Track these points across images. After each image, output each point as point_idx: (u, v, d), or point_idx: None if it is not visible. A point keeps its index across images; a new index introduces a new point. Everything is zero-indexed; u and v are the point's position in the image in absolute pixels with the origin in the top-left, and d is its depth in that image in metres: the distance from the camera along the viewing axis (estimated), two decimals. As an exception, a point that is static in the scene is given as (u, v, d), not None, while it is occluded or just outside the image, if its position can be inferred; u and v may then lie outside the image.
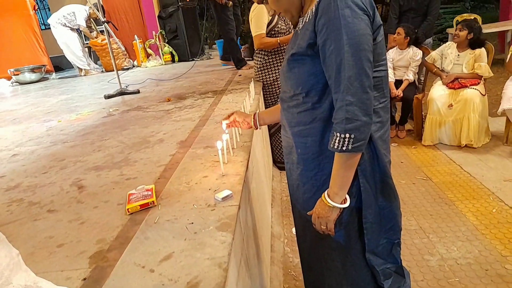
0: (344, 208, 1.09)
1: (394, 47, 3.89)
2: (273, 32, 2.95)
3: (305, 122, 1.13)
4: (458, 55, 3.48)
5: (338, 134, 0.98)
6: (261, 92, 3.11)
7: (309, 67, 1.06)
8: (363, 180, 1.10)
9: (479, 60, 3.39)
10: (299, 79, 1.10)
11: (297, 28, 1.15)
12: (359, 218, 1.15)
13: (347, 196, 1.08)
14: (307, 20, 1.06)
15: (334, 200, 1.06)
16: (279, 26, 2.93)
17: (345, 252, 1.21)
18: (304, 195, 1.21)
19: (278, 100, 1.29)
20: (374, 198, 1.14)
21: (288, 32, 2.97)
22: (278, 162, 3.35)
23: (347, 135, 0.96)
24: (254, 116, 1.49)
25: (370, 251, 1.19)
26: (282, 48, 3.02)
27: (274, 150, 3.36)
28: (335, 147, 0.99)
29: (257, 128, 1.51)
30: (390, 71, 3.91)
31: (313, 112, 1.10)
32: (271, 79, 3.13)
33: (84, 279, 0.99)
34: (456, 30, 3.42)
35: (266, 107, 3.18)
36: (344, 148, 0.97)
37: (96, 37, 6.40)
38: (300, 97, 1.11)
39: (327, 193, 1.08)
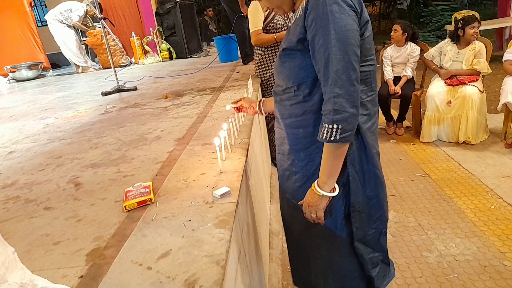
0: (333, 197, 1.12)
1: None
2: (268, 28, 2.94)
3: (297, 114, 1.16)
4: (458, 52, 3.47)
5: (327, 125, 1.01)
6: (259, 88, 3.10)
7: (300, 61, 1.09)
8: (351, 169, 1.14)
9: (478, 56, 3.38)
10: (290, 73, 1.13)
11: (289, 24, 1.20)
12: (347, 207, 1.19)
13: (336, 185, 1.12)
14: (297, 16, 1.10)
15: (323, 189, 1.10)
16: (274, 21, 2.92)
17: (332, 240, 1.24)
18: (294, 184, 1.25)
19: None
20: (362, 188, 1.17)
21: (284, 27, 2.96)
22: (276, 159, 3.34)
23: (335, 126, 0.99)
24: (259, 102, 1.55)
25: (358, 240, 1.22)
26: (279, 44, 3.00)
27: (272, 147, 3.35)
28: (324, 137, 1.02)
29: (262, 114, 1.58)
30: (388, 68, 3.90)
31: (304, 105, 1.13)
32: (268, 74, 3.13)
33: (81, 276, 0.98)
34: (474, 28, 3.35)
35: None
36: (332, 139, 1.01)
37: (92, 28, 6.36)
38: (291, 90, 1.15)
39: (317, 183, 1.11)
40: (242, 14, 4.04)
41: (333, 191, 1.11)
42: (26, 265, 0.79)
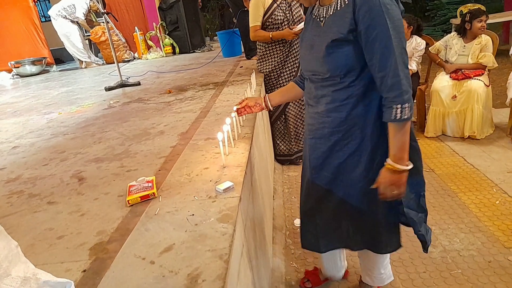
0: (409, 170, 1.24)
1: None
2: (267, 24, 2.93)
3: (340, 99, 1.28)
4: (464, 46, 3.42)
5: (399, 106, 1.14)
6: (263, 83, 3.08)
7: (348, 51, 1.20)
8: None
9: (485, 50, 3.33)
10: (338, 62, 1.23)
11: (314, 16, 1.28)
12: None
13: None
14: (338, 8, 1.20)
15: (403, 164, 1.22)
16: (273, 17, 2.90)
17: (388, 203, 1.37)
18: (341, 156, 1.36)
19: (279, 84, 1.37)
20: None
21: (284, 23, 2.92)
22: (278, 156, 3.32)
23: (406, 105, 1.15)
24: (264, 97, 1.64)
25: (406, 206, 1.38)
26: (279, 39, 2.98)
27: (274, 141, 3.33)
28: (397, 117, 1.15)
29: (269, 109, 1.66)
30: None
31: (349, 90, 1.26)
32: (268, 69, 3.12)
33: (84, 270, 0.99)
34: (481, 22, 3.28)
35: None
36: (404, 117, 1.15)
37: (93, 27, 6.36)
38: (337, 78, 1.25)
39: (393, 160, 1.22)
40: (246, 9, 4.01)
41: (408, 165, 1.22)
42: (30, 259, 0.79)
